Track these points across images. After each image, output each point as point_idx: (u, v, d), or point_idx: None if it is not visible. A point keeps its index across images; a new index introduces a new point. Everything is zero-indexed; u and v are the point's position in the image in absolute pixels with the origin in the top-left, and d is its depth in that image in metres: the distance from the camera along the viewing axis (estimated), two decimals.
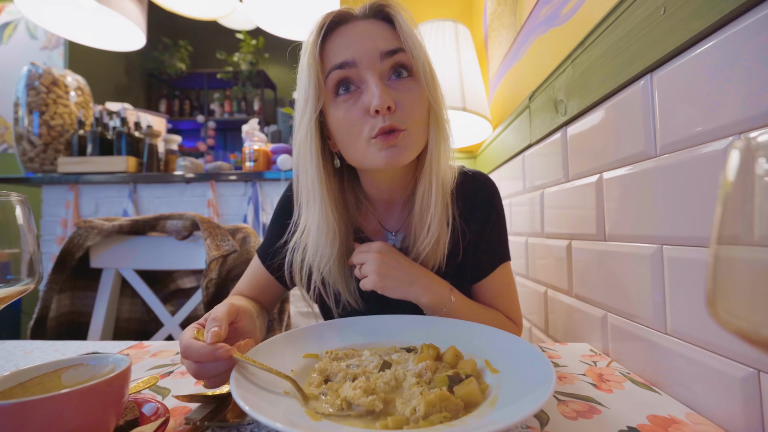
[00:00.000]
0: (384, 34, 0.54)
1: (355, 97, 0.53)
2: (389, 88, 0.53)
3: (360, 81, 0.53)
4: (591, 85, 0.62)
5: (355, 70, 0.52)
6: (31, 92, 1.94)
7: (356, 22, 0.55)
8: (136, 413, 0.35)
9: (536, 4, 0.94)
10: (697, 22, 0.40)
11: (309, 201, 0.58)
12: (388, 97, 0.51)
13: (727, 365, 0.37)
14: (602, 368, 0.51)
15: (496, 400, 0.34)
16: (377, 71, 0.52)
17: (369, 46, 0.52)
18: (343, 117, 0.54)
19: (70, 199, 1.91)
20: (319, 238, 0.58)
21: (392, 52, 0.53)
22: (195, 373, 0.39)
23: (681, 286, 0.43)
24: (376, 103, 0.50)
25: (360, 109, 0.53)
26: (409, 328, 0.53)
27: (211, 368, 0.39)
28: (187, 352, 0.39)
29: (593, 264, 0.63)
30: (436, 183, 0.58)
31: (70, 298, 1.02)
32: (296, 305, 1.86)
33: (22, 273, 0.40)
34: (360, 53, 0.52)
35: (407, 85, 0.54)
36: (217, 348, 0.38)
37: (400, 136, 0.53)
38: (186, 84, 4.68)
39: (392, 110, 0.52)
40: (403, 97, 0.53)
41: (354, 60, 0.52)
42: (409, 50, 0.53)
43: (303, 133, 0.55)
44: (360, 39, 0.53)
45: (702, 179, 0.40)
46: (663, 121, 0.46)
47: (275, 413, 0.31)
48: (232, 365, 0.38)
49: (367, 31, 0.54)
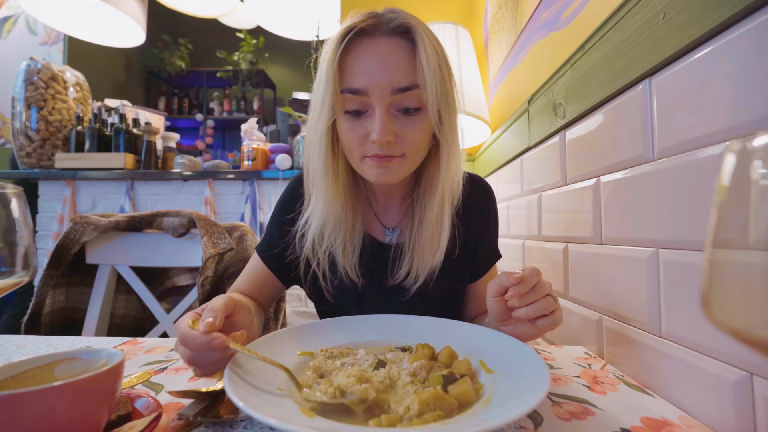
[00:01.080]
0: (401, 64, 0.54)
1: (361, 119, 0.55)
2: (394, 119, 0.55)
3: (368, 106, 0.55)
4: (590, 88, 0.62)
5: (366, 98, 0.54)
6: (29, 87, 1.93)
7: (379, 40, 0.55)
8: (129, 408, 0.35)
9: (537, 8, 0.94)
10: (695, 28, 0.40)
11: (318, 190, 0.60)
12: (389, 132, 0.53)
13: (720, 368, 0.37)
14: (596, 371, 0.51)
15: (490, 400, 0.34)
16: (386, 104, 0.54)
17: (383, 78, 0.53)
18: (346, 131, 0.56)
19: (67, 194, 1.90)
20: (328, 222, 0.60)
21: (405, 89, 0.53)
22: (189, 360, 0.40)
23: (676, 290, 0.43)
24: (376, 136, 0.53)
25: (362, 131, 0.55)
26: (405, 328, 0.53)
27: (205, 357, 0.39)
28: (183, 340, 0.39)
29: (589, 267, 0.63)
30: (444, 194, 0.60)
31: (65, 294, 1.02)
32: (292, 304, 1.85)
33: (16, 266, 0.39)
34: (373, 84, 0.53)
35: (413, 119, 0.55)
36: (214, 338, 0.38)
37: (395, 161, 0.56)
38: (185, 82, 4.67)
39: (392, 143, 0.54)
40: (405, 130, 0.55)
41: (366, 90, 0.53)
42: (423, 86, 0.53)
43: (318, 136, 0.58)
44: (376, 67, 0.53)
45: (698, 183, 0.40)
46: (661, 126, 0.46)
47: (269, 410, 0.31)
48: (226, 355, 0.39)
49: (385, 56, 0.54)
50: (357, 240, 0.64)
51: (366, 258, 0.65)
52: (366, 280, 0.64)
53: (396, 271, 0.64)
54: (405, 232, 0.67)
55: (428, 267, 0.62)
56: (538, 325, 0.47)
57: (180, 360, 0.54)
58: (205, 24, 3.28)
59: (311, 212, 0.62)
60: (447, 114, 0.56)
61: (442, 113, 0.56)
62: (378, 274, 0.66)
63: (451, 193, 0.61)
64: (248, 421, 0.36)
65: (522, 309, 0.46)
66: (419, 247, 0.62)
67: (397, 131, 0.54)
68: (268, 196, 1.91)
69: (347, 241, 0.62)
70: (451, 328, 0.52)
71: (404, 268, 0.63)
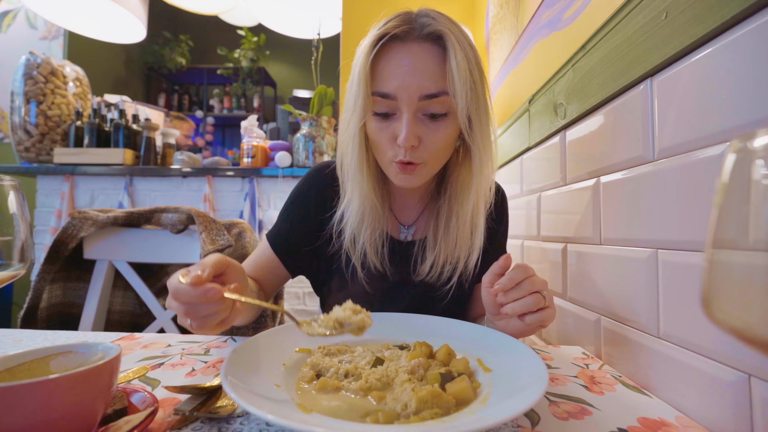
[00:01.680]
0: (431, 70, 0.55)
1: (389, 121, 0.57)
2: (420, 123, 0.57)
3: (397, 109, 0.57)
4: (591, 88, 0.62)
5: (395, 102, 0.56)
6: (28, 82, 1.92)
7: (410, 46, 0.56)
8: (125, 402, 0.35)
9: (539, 8, 0.94)
10: (698, 28, 0.40)
11: (352, 185, 0.63)
12: (414, 137, 0.55)
13: (718, 369, 0.37)
14: (594, 371, 0.51)
15: (487, 398, 0.34)
16: (413, 109, 0.55)
17: (412, 84, 0.54)
18: (375, 132, 0.59)
19: (66, 190, 1.89)
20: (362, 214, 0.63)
21: (433, 96, 0.55)
22: (185, 313, 0.39)
23: (674, 290, 0.43)
24: (401, 140, 0.55)
25: (390, 134, 0.57)
26: (403, 326, 0.53)
27: (200, 309, 0.39)
28: (176, 294, 0.39)
29: (588, 267, 0.63)
30: (478, 197, 0.62)
31: (62, 288, 1.01)
32: (290, 302, 1.85)
33: (13, 258, 0.39)
34: (402, 89, 0.55)
35: (438, 125, 0.57)
36: (208, 289, 0.37)
37: (417, 168, 0.58)
38: (186, 79, 4.66)
39: (416, 148, 0.56)
40: (430, 135, 0.57)
41: (395, 95, 0.55)
42: (452, 93, 0.54)
43: (351, 134, 0.60)
44: (406, 73, 0.55)
45: (698, 184, 0.40)
46: (661, 126, 0.46)
47: (265, 405, 0.30)
48: (220, 308, 0.39)
49: (415, 63, 0.55)
50: (381, 235, 0.66)
51: (386, 255, 0.68)
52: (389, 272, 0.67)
53: (417, 267, 0.67)
54: (421, 230, 0.70)
55: (459, 267, 0.64)
56: (526, 321, 0.49)
57: (177, 356, 0.53)
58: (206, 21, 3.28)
59: (347, 206, 0.64)
60: (478, 119, 0.57)
61: (472, 119, 0.57)
62: (394, 270, 0.68)
63: (485, 197, 0.63)
64: (245, 417, 0.36)
65: (508, 305, 0.49)
66: (446, 247, 0.64)
67: (421, 136, 0.56)
68: (267, 194, 1.91)
69: (376, 235, 0.65)
70: (450, 327, 0.52)
71: (427, 264, 0.66)
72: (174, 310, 0.40)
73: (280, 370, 0.41)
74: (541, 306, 0.48)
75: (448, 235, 0.64)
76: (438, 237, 0.65)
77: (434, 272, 0.65)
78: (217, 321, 0.40)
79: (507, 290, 0.48)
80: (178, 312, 0.40)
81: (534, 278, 0.49)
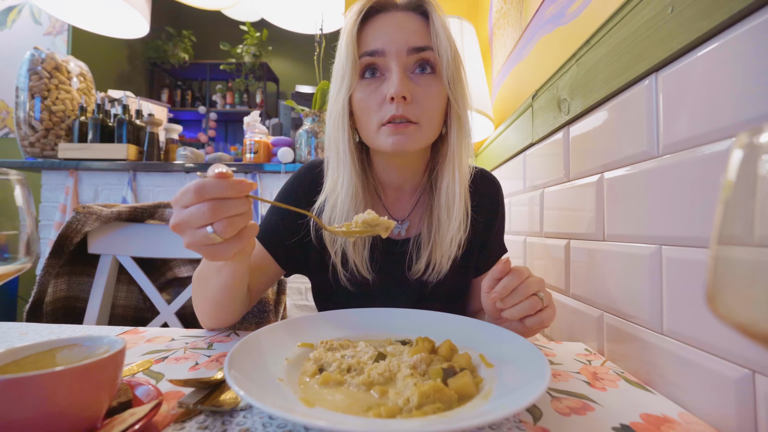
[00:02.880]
0: (416, 29, 0.57)
1: (377, 83, 0.58)
2: (410, 80, 0.57)
3: (385, 68, 0.57)
4: (595, 84, 0.61)
5: (383, 59, 0.56)
6: (33, 77, 1.93)
7: (394, 13, 0.59)
8: (130, 395, 0.35)
9: (542, 3, 0.93)
10: (704, 22, 0.39)
11: (338, 168, 0.62)
12: (406, 87, 0.55)
13: (722, 366, 0.37)
14: (597, 367, 0.51)
15: (489, 393, 0.35)
16: (402, 63, 0.56)
17: (399, 38, 0.56)
18: (364, 99, 0.58)
19: (70, 185, 1.90)
20: (346, 199, 0.61)
21: (420, 49, 0.56)
22: (210, 213, 0.36)
23: (678, 287, 0.43)
24: (393, 90, 0.54)
25: (379, 96, 0.57)
26: (405, 321, 0.54)
27: (230, 206, 0.36)
28: (202, 189, 0.36)
29: (591, 263, 0.63)
30: (459, 177, 0.61)
31: (66, 282, 1.02)
32: (293, 298, 1.86)
33: (19, 252, 0.40)
34: (390, 44, 0.56)
35: (428, 81, 0.57)
36: (240, 181, 0.36)
37: (410, 128, 0.57)
38: (188, 74, 4.66)
39: (407, 101, 0.55)
40: (421, 91, 0.57)
41: (383, 49, 0.56)
42: (436, 49, 0.57)
43: (339, 106, 0.59)
44: (393, 30, 0.57)
45: (703, 180, 0.40)
46: (666, 121, 0.46)
47: (269, 398, 0.31)
48: (246, 210, 0.38)
49: (401, 23, 0.57)
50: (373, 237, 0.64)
51: (376, 252, 0.65)
52: (377, 274, 0.64)
53: (412, 265, 0.65)
54: (415, 225, 0.68)
55: (447, 257, 0.63)
56: (526, 323, 0.49)
57: (181, 350, 0.54)
58: (209, 16, 3.27)
59: (330, 192, 0.63)
60: (457, 84, 0.59)
61: (454, 85, 0.58)
62: (389, 268, 0.66)
63: (461, 169, 0.62)
64: (248, 410, 0.36)
65: (506, 311, 0.49)
66: (439, 239, 0.63)
67: (412, 91, 0.56)
68: (270, 189, 1.91)
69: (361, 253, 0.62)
70: (452, 322, 0.52)
71: (422, 261, 0.64)
72: (192, 218, 0.36)
73: (283, 364, 0.41)
74: (538, 308, 0.48)
75: (440, 224, 0.63)
76: (432, 230, 0.64)
77: (432, 270, 0.63)
78: (242, 226, 0.38)
79: (504, 297, 0.48)
80: (198, 218, 0.36)
81: (530, 280, 0.48)
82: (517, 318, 0.49)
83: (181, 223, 0.37)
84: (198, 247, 0.38)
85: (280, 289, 1.13)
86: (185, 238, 0.38)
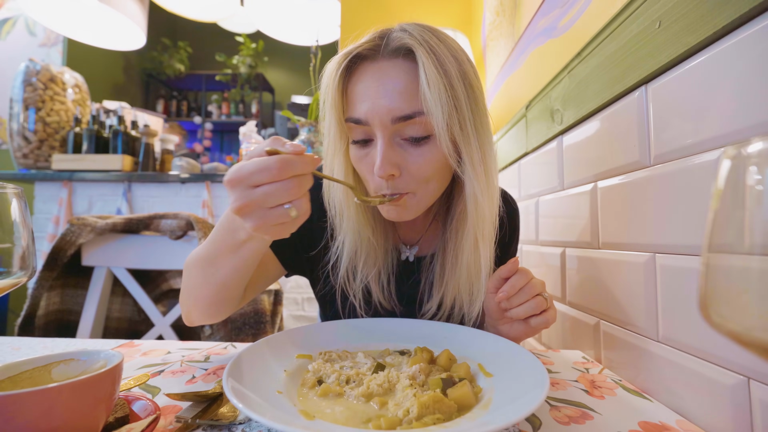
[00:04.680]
0: (402, 88, 0.48)
1: (368, 148, 0.52)
2: (400, 149, 0.50)
3: (373, 135, 0.51)
4: (587, 95, 0.63)
5: (369, 128, 0.50)
6: (28, 88, 1.92)
7: (380, 63, 0.50)
8: (127, 410, 0.34)
9: (535, 15, 0.95)
10: (691, 36, 0.41)
11: (345, 216, 0.57)
12: (390, 165, 0.49)
13: (717, 373, 0.37)
14: (594, 375, 0.51)
15: (489, 403, 0.35)
16: (388, 134, 0.49)
17: (381, 106, 0.48)
18: (356, 162, 0.54)
19: (63, 196, 1.89)
20: (360, 251, 0.58)
21: (406, 117, 0.48)
22: (298, 187, 0.35)
23: (673, 294, 0.44)
24: (376, 170, 0.49)
25: (369, 163, 0.52)
26: (404, 331, 0.53)
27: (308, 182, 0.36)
28: (289, 167, 0.34)
29: (587, 271, 0.64)
30: (476, 230, 0.53)
31: (59, 296, 1.01)
32: (289, 308, 1.85)
33: (14, 266, 0.39)
34: (372, 113, 0.49)
35: (421, 149, 0.50)
36: (313, 158, 0.35)
37: (404, 198, 0.51)
38: (184, 85, 4.67)
39: (396, 177, 0.50)
40: (411, 161, 0.50)
41: (366, 120, 0.49)
42: (427, 112, 0.47)
43: (338, 163, 0.55)
44: (375, 94, 0.49)
45: (694, 189, 0.41)
46: (657, 132, 0.47)
47: (269, 411, 0.31)
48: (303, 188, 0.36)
49: (385, 81, 0.49)
50: (391, 265, 0.61)
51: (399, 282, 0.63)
52: (403, 305, 0.63)
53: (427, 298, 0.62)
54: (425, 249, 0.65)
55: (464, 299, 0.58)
56: (531, 323, 0.49)
57: (177, 363, 0.53)
58: (205, 28, 3.30)
59: (340, 244, 0.59)
60: (466, 141, 0.49)
61: (458, 141, 0.49)
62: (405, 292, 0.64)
63: (487, 236, 0.54)
64: (247, 424, 0.36)
65: (513, 310, 0.49)
66: (454, 275, 0.57)
67: (400, 163, 0.50)
68: None
69: (381, 269, 0.60)
70: (450, 332, 0.52)
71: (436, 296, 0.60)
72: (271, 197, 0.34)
73: (281, 376, 0.41)
74: (543, 308, 0.49)
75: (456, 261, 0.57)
76: (446, 263, 0.59)
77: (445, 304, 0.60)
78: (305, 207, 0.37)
79: (511, 296, 0.49)
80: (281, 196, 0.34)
81: (534, 281, 0.50)
82: (522, 317, 0.49)
83: (255, 202, 0.35)
84: (269, 227, 0.36)
85: (276, 300, 1.12)
86: (255, 220, 0.36)
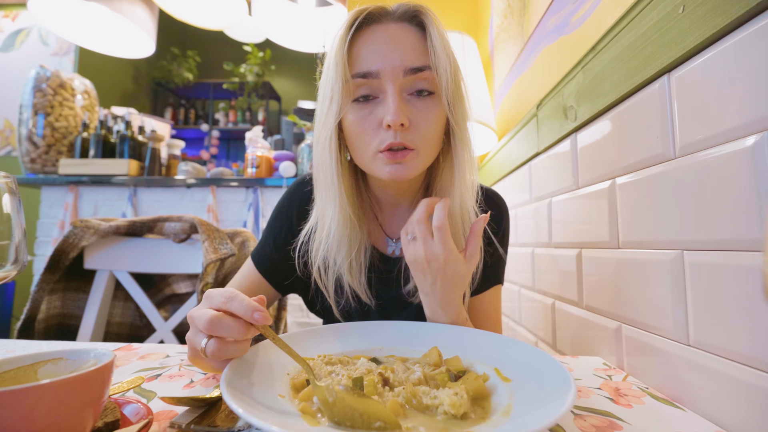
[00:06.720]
0: (413, 45, 0.52)
1: (371, 106, 0.52)
2: (407, 103, 0.52)
3: (380, 91, 0.52)
4: (603, 89, 0.60)
5: (378, 81, 0.51)
6: (37, 94, 1.94)
7: (387, 25, 0.53)
8: (117, 415, 0.32)
9: (545, 14, 0.94)
10: (720, 17, 0.38)
11: (327, 197, 0.57)
12: (403, 113, 0.50)
13: (760, 378, 0.34)
14: (618, 382, 0.48)
15: (510, 410, 0.32)
16: (398, 85, 0.51)
17: (395, 59, 0.51)
18: (357, 123, 0.53)
19: (69, 200, 1.89)
20: (338, 232, 0.57)
21: (417, 70, 0.51)
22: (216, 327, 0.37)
23: (705, 293, 0.40)
24: (389, 118, 0.49)
25: (374, 120, 0.52)
26: (412, 335, 0.51)
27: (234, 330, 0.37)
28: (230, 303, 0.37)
29: (605, 273, 0.60)
30: (460, 199, 0.57)
31: (60, 299, 0.99)
32: (293, 315, 1.82)
33: (7, 260, 0.37)
34: (384, 65, 0.51)
35: (426, 104, 0.53)
36: (257, 309, 0.36)
37: (409, 155, 0.52)
38: (192, 93, 4.73)
39: (405, 127, 0.51)
40: (419, 116, 0.52)
41: (378, 71, 0.51)
42: (435, 68, 0.52)
43: (329, 131, 0.54)
44: (387, 49, 0.51)
45: (726, 179, 0.38)
46: (682, 122, 0.44)
47: (269, 416, 0.28)
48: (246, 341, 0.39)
49: (396, 39, 0.52)
50: (364, 256, 0.60)
51: (373, 276, 0.62)
52: (377, 299, 0.61)
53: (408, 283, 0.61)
54: None
55: None
56: None
57: (175, 366, 0.51)
58: (213, 37, 3.34)
59: (318, 220, 0.59)
60: (460, 105, 0.54)
61: (454, 104, 0.54)
62: (387, 290, 0.63)
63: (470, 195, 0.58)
64: (247, 430, 0.33)
65: None
66: None
67: (410, 116, 0.51)
68: (271, 204, 1.90)
69: (353, 257, 0.59)
70: (460, 334, 0.49)
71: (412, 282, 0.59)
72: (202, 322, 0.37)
73: (284, 379, 0.38)
74: None
75: None
76: None
77: None
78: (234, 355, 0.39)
79: None
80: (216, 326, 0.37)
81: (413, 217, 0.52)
82: None
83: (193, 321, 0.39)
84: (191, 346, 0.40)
85: (280, 306, 1.10)
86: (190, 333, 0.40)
